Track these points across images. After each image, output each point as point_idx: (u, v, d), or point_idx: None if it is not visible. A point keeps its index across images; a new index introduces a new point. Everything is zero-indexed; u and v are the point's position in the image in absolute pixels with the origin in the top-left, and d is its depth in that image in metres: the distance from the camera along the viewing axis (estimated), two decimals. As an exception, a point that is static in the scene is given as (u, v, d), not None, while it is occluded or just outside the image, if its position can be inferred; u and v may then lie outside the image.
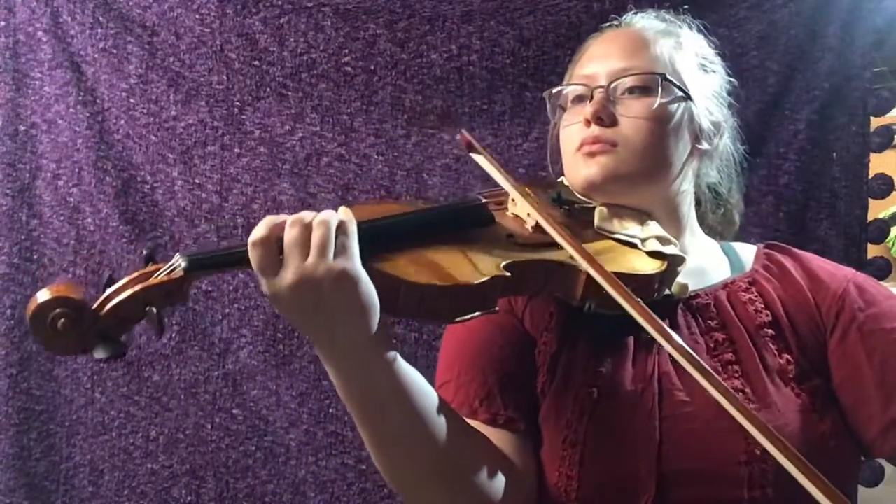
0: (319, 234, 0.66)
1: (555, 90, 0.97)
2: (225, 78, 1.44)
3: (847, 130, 1.28)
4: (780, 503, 0.75)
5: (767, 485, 0.74)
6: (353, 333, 0.68)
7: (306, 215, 0.68)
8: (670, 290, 0.86)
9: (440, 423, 0.75)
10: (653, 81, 0.87)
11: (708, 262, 0.93)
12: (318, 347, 0.71)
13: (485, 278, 0.73)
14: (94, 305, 0.67)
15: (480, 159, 0.88)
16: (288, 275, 0.65)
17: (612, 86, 0.87)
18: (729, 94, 0.98)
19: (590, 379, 0.82)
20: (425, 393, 0.75)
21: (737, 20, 1.31)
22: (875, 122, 1.29)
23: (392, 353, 0.72)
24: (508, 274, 0.75)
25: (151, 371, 1.45)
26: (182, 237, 1.45)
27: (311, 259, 0.65)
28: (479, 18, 1.37)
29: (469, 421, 0.82)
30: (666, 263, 0.83)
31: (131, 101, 1.47)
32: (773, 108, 1.31)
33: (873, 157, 1.29)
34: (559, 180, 0.96)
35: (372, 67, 1.40)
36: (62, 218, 1.48)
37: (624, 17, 0.98)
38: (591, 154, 0.87)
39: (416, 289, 0.71)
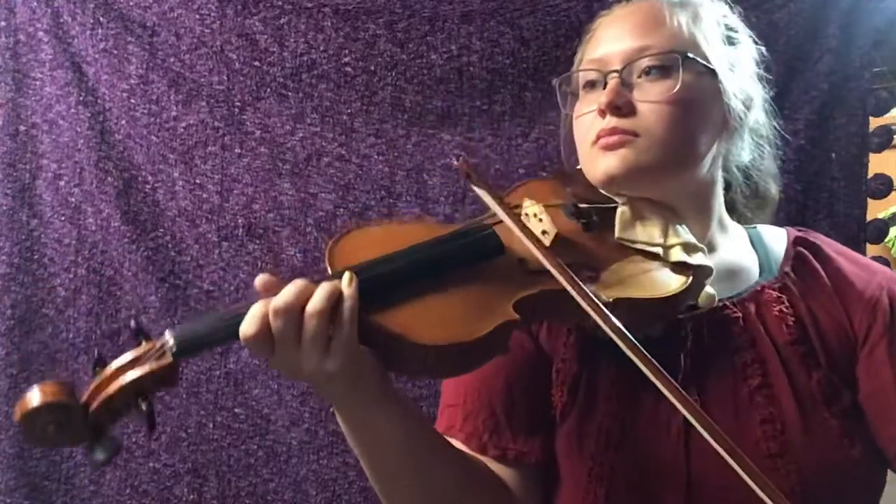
0: (312, 327, 0.65)
1: (564, 76, 0.89)
2: (225, 78, 1.44)
3: (846, 131, 1.28)
4: None
5: None
6: (345, 397, 0.70)
7: (296, 301, 0.65)
8: (695, 301, 0.79)
9: (439, 465, 0.76)
10: (672, 60, 0.78)
11: (736, 262, 0.85)
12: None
13: (492, 327, 0.68)
14: (84, 398, 0.64)
15: (482, 193, 0.80)
16: (279, 364, 0.67)
17: (627, 69, 0.79)
18: (758, 64, 0.89)
19: (613, 408, 0.78)
20: (421, 433, 0.75)
21: (736, 20, 1.32)
22: (874, 123, 1.29)
23: (384, 391, 0.71)
24: (518, 317, 0.70)
25: (153, 370, 1.45)
26: (183, 237, 1.45)
27: (303, 353, 0.66)
28: (479, 18, 1.37)
29: (479, 456, 0.81)
30: (691, 277, 0.77)
31: (132, 101, 1.47)
32: (772, 108, 1.31)
33: (872, 157, 1.28)
34: (577, 168, 0.89)
35: (372, 68, 1.40)
36: (63, 218, 1.48)
37: None
38: (610, 147, 0.78)
39: (421, 349, 0.67)
